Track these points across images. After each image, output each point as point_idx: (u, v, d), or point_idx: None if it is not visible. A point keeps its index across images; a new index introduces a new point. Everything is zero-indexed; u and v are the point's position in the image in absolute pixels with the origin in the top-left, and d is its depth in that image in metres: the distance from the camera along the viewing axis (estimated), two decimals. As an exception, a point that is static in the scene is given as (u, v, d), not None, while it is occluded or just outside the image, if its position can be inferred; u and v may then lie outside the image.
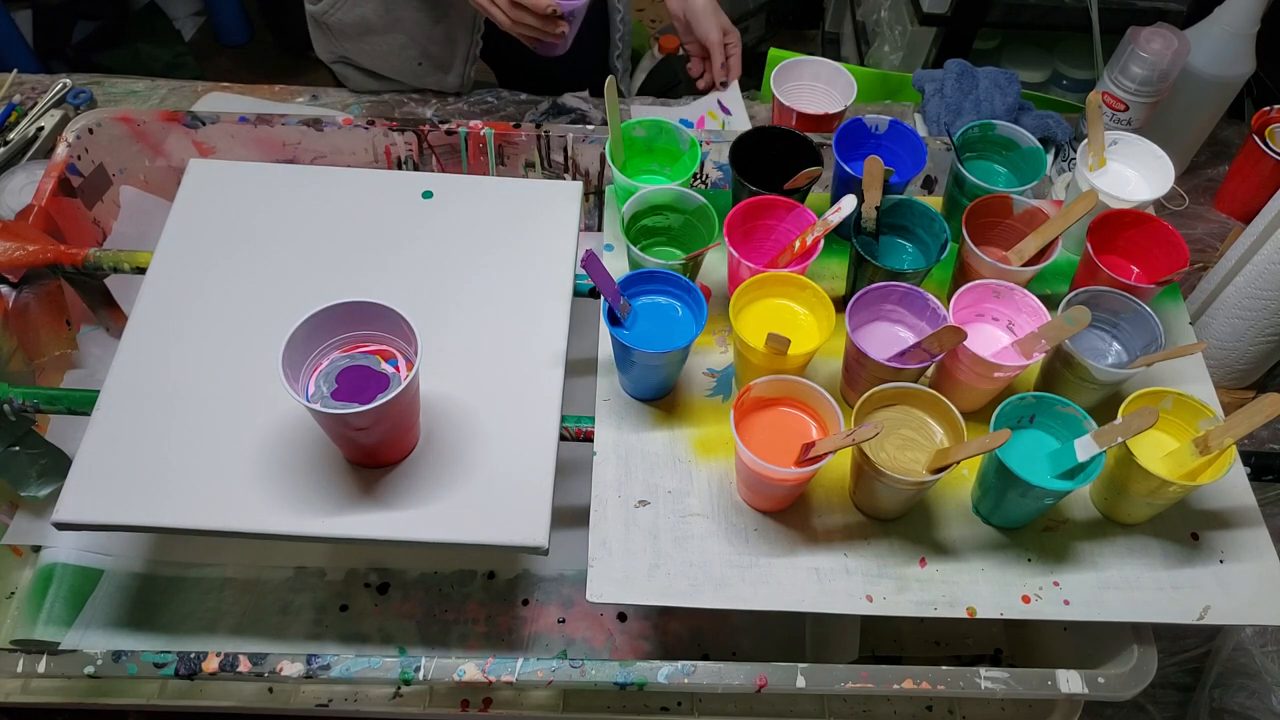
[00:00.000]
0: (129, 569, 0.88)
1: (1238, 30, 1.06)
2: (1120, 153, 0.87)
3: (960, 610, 0.69)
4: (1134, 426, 0.64)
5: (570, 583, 0.91)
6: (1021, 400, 0.69)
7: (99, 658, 0.70)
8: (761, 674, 0.70)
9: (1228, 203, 1.11)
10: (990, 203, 0.80)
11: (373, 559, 0.91)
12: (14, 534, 0.85)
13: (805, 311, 0.75)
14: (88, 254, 0.85)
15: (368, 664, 0.70)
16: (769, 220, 0.79)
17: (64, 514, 0.67)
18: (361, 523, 0.68)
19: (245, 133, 0.98)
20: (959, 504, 0.74)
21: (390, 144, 1.00)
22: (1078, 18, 1.50)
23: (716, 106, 1.21)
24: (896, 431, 0.69)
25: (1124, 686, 0.71)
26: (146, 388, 0.73)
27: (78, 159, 0.94)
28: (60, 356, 0.91)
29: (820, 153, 0.82)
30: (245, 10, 2.39)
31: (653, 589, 0.68)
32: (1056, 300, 0.81)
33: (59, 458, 0.82)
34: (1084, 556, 0.72)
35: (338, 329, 0.66)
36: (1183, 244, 0.78)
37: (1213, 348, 0.97)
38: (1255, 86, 1.27)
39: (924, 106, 1.15)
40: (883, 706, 0.87)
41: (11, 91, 1.10)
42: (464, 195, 0.87)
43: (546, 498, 0.70)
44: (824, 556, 0.70)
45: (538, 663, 0.70)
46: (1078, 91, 1.65)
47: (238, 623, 0.87)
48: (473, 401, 0.74)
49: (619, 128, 0.83)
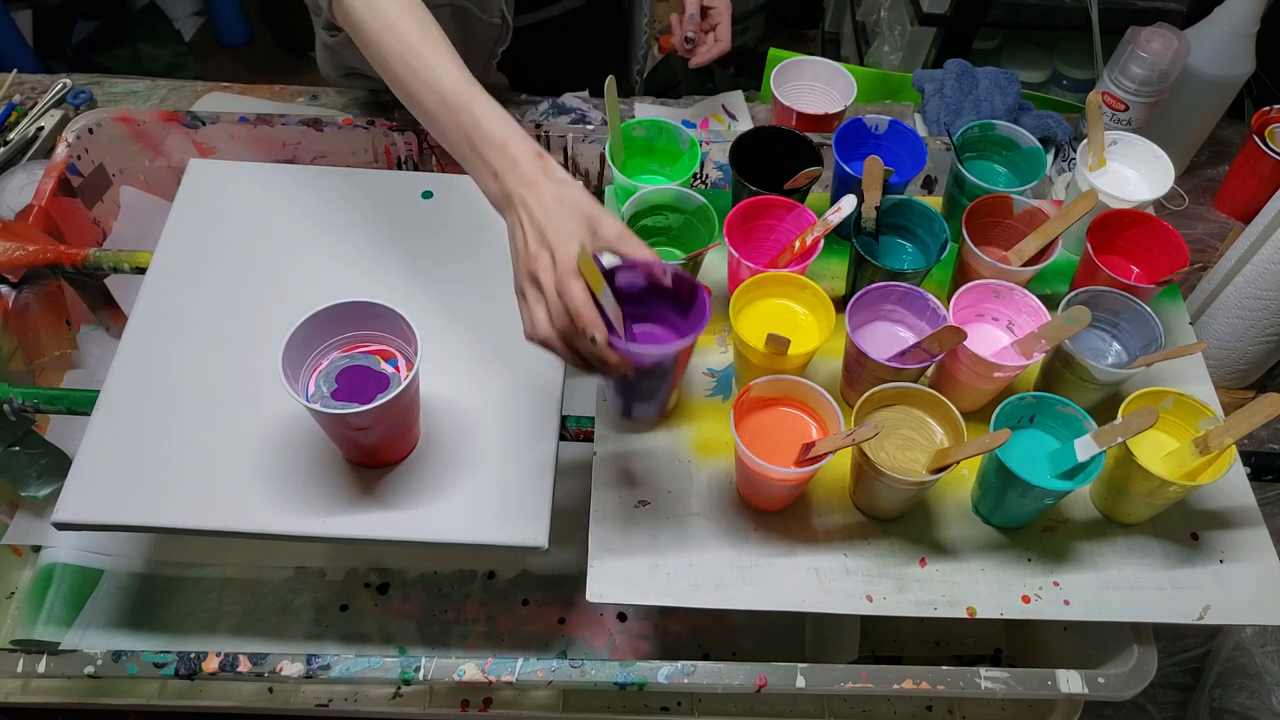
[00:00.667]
0: (129, 569, 0.88)
1: (1238, 30, 1.06)
2: (1120, 153, 0.87)
3: (960, 610, 0.69)
4: (1134, 426, 0.64)
5: (570, 583, 0.91)
6: (1021, 400, 0.69)
7: (99, 658, 0.70)
8: (761, 674, 0.70)
9: (1228, 203, 1.11)
10: (990, 203, 0.80)
11: (373, 559, 0.91)
12: (14, 534, 0.85)
13: (805, 311, 0.75)
14: (88, 254, 0.85)
15: (368, 664, 0.70)
16: (769, 220, 0.79)
17: (64, 514, 0.67)
18: (361, 523, 0.68)
19: (245, 133, 0.98)
20: (959, 504, 0.74)
21: (390, 144, 1.00)
22: (1078, 18, 1.50)
23: (721, 110, 1.20)
24: (896, 431, 0.69)
25: (1124, 686, 0.71)
26: (146, 388, 0.73)
27: (78, 159, 0.94)
28: (60, 356, 0.91)
29: (820, 153, 0.82)
30: (245, 10, 2.38)
31: (653, 589, 0.68)
32: (1056, 300, 0.81)
33: (59, 458, 0.82)
34: (1084, 556, 0.72)
35: (338, 329, 0.66)
36: (1183, 244, 0.78)
37: (1213, 348, 0.97)
38: (1255, 86, 1.27)
39: (924, 106, 1.15)
40: (883, 706, 0.87)
41: (11, 91, 1.10)
42: (464, 195, 0.87)
43: (546, 498, 0.70)
44: (824, 556, 0.70)
45: (538, 663, 0.70)
46: (1078, 91, 1.65)
47: (238, 623, 0.87)
48: (473, 401, 0.74)
49: (619, 128, 0.83)
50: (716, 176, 1.01)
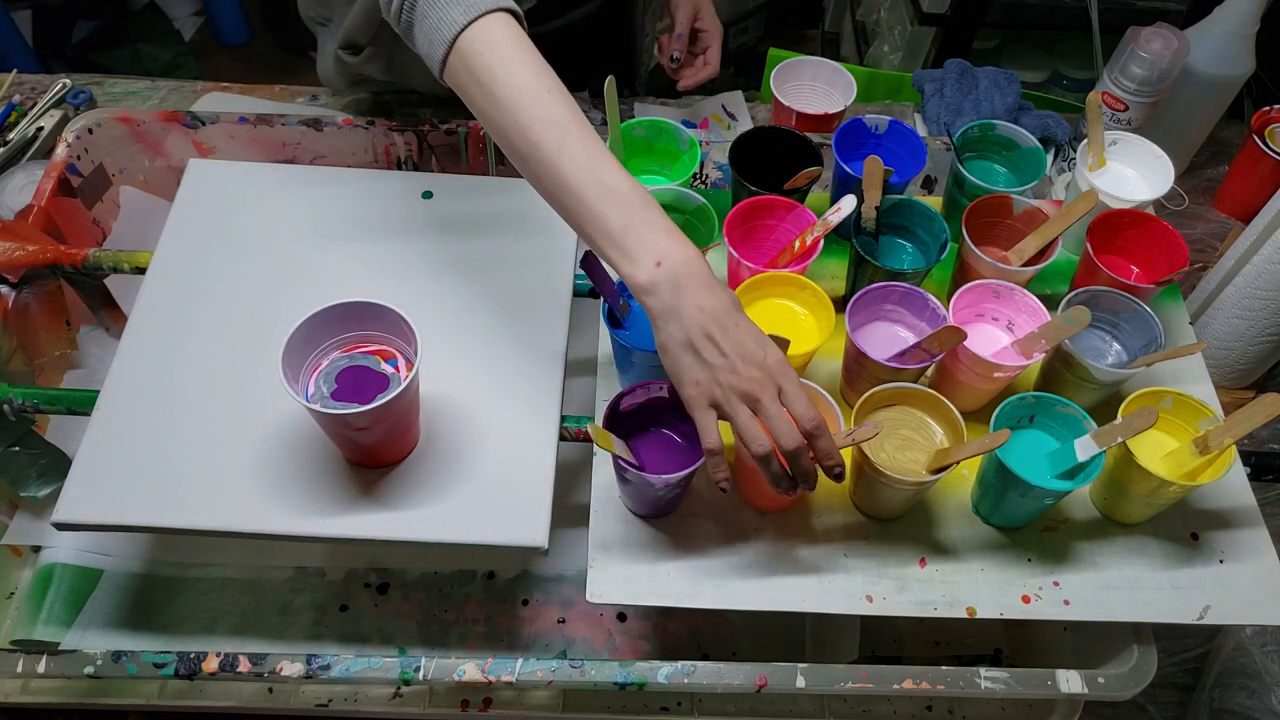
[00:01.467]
0: (129, 569, 0.88)
1: (1237, 30, 1.06)
2: (1120, 153, 0.87)
3: (960, 610, 0.68)
4: (1134, 426, 0.64)
5: (570, 583, 0.91)
6: (1021, 400, 0.69)
7: (99, 658, 0.70)
8: (761, 674, 0.70)
9: (1227, 203, 1.11)
10: (990, 203, 0.80)
11: (373, 559, 0.91)
12: (14, 534, 0.85)
13: (805, 311, 0.75)
14: (88, 254, 0.85)
15: (368, 664, 0.70)
16: (769, 220, 0.79)
17: (64, 514, 0.67)
18: (361, 523, 0.68)
19: (245, 133, 0.98)
20: (959, 504, 0.74)
21: (390, 144, 1.00)
22: (1078, 18, 1.49)
23: (721, 110, 1.20)
24: (896, 431, 0.69)
25: (1124, 686, 0.71)
26: (146, 388, 0.73)
27: (77, 159, 0.94)
28: (60, 356, 0.91)
29: (820, 153, 0.82)
30: (245, 10, 2.38)
31: (652, 589, 0.68)
32: (1056, 300, 0.81)
33: (59, 458, 0.82)
34: (1084, 556, 0.72)
35: (338, 329, 0.66)
36: (1182, 244, 0.78)
37: (1213, 348, 0.97)
38: (1255, 86, 1.27)
39: (924, 106, 1.15)
40: (883, 706, 0.87)
41: (11, 91, 1.10)
42: (464, 195, 0.87)
43: (546, 498, 0.70)
44: (824, 556, 0.70)
45: (538, 663, 0.70)
46: (1078, 91, 1.65)
47: (238, 623, 0.87)
48: (473, 401, 0.74)
49: (619, 128, 0.83)
50: (716, 176, 1.01)
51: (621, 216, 0.59)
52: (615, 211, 0.60)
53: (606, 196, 0.60)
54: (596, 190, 0.60)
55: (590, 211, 0.60)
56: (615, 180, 0.60)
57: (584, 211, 0.60)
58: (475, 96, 0.64)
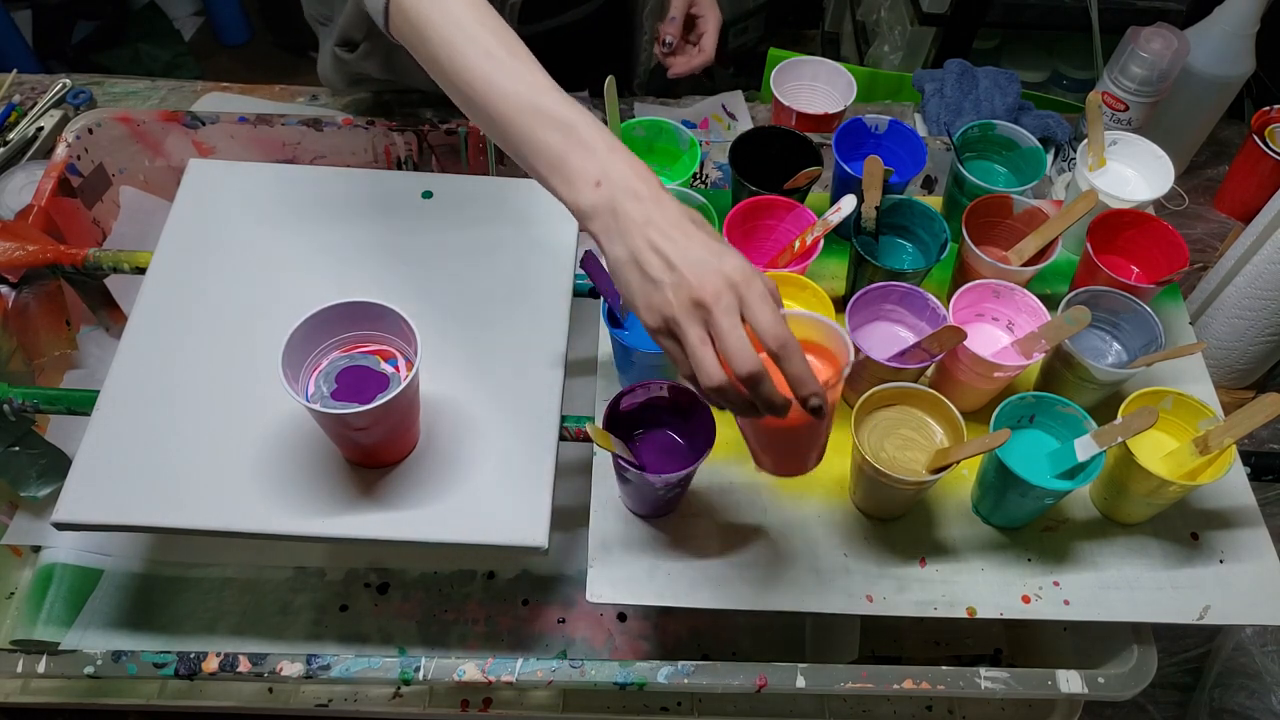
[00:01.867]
0: (129, 569, 0.88)
1: (1237, 30, 1.06)
2: (1120, 153, 0.87)
3: (960, 610, 0.69)
4: (1134, 426, 0.64)
5: (570, 583, 0.91)
6: (1021, 400, 0.69)
7: (99, 658, 0.70)
8: (761, 674, 0.70)
9: (1228, 203, 1.11)
10: (990, 203, 0.80)
11: (373, 559, 0.91)
12: (14, 534, 0.85)
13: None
14: (87, 254, 0.85)
15: (368, 664, 0.70)
16: (769, 220, 0.79)
17: (64, 514, 0.67)
18: (361, 523, 0.68)
19: (245, 133, 0.98)
20: (959, 504, 0.74)
21: (390, 144, 1.00)
22: (1078, 18, 1.49)
23: (721, 110, 1.20)
24: (896, 431, 0.69)
25: (1124, 686, 0.71)
26: (146, 388, 0.73)
27: (77, 159, 0.94)
28: (60, 356, 0.91)
29: (820, 153, 0.82)
30: (245, 10, 2.38)
31: (652, 589, 0.68)
32: (1056, 300, 0.81)
33: (59, 458, 0.82)
34: (1084, 556, 0.72)
35: (337, 329, 0.66)
36: (1182, 244, 0.78)
37: (1213, 348, 0.97)
38: (1255, 86, 1.27)
39: (924, 106, 1.15)
40: (883, 706, 0.87)
41: (11, 91, 1.10)
42: (464, 195, 0.87)
43: (546, 498, 0.70)
44: (824, 556, 0.70)
45: (538, 663, 0.70)
46: (1078, 91, 1.65)
47: (238, 623, 0.87)
48: (473, 401, 0.74)
49: (619, 128, 0.83)
50: (716, 176, 1.01)
51: (558, 141, 0.55)
52: (552, 136, 0.55)
53: (541, 123, 0.56)
54: (531, 118, 0.56)
55: (527, 143, 0.56)
56: (550, 104, 0.56)
57: (522, 143, 0.56)
58: (415, 43, 0.62)
